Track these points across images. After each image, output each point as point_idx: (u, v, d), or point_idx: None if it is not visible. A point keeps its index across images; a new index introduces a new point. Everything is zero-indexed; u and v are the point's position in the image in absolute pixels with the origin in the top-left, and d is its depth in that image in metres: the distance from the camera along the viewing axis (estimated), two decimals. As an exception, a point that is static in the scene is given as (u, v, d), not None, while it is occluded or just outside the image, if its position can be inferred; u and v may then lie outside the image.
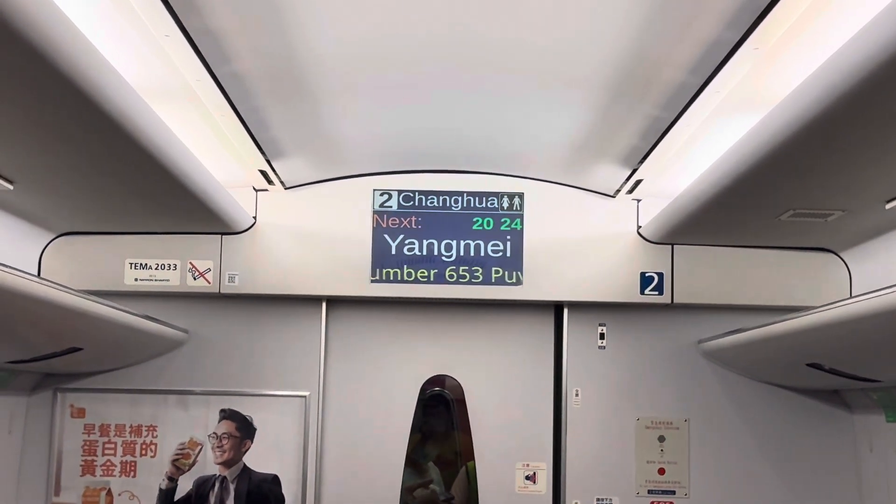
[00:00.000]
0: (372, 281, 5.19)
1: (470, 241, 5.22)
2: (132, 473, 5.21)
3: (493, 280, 5.20)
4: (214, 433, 5.26)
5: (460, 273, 5.20)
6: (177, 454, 5.24)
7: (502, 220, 5.23)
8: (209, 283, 5.15)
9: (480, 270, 5.20)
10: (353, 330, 5.44)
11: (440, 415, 5.55)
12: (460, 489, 5.52)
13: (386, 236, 5.21)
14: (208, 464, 5.25)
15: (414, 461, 5.48)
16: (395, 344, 5.46)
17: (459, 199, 5.23)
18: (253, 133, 4.20)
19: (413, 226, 5.22)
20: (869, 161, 3.39)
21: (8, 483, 5.02)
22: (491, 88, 3.95)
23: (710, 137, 4.05)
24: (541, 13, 3.18)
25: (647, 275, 5.20)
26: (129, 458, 5.22)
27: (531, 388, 5.44)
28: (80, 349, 4.37)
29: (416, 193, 5.23)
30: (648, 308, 5.30)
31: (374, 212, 5.22)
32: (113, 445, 5.22)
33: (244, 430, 5.27)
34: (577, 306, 5.36)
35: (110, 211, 4.64)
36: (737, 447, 5.29)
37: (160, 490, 5.22)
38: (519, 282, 5.20)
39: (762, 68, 3.27)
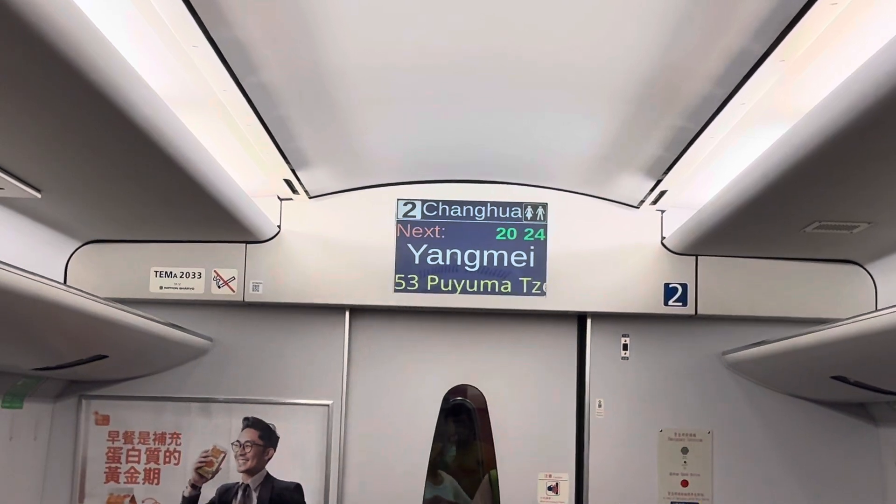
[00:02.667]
0: (395, 290, 5.20)
1: (493, 251, 5.22)
2: (156, 481, 5.23)
3: (517, 290, 5.19)
4: (238, 441, 5.27)
5: (483, 283, 5.20)
6: (200, 462, 5.26)
7: (526, 230, 5.22)
8: (233, 291, 5.17)
9: (504, 280, 5.20)
10: (376, 339, 5.44)
11: (462, 424, 5.56)
12: (483, 498, 5.52)
13: (409, 246, 5.21)
14: (231, 472, 5.27)
15: (433, 471, 5.48)
16: (418, 353, 5.46)
17: (483, 208, 5.24)
18: (278, 143, 4.23)
19: (437, 235, 5.23)
20: (895, 173, 3.37)
21: (33, 489, 5.05)
22: (515, 99, 3.95)
23: (734, 149, 4.04)
24: (566, 25, 3.19)
25: (670, 286, 5.18)
26: (152, 465, 5.24)
27: (554, 399, 5.43)
28: (105, 357, 4.39)
29: (440, 203, 5.24)
30: (672, 319, 5.28)
31: (398, 221, 5.23)
32: (137, 453, 5.25)
33: (267, 438, 5.28)
34: (600, 317, 5.35)
35: (136, 219, 4.67)
36: (761, 460, 5.26)
37: (183, 497, 5.24)
38: (542, 292, 5.19)
39: (788, 80, 3.26)
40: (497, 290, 5.20)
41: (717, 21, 3.01)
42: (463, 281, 5.20)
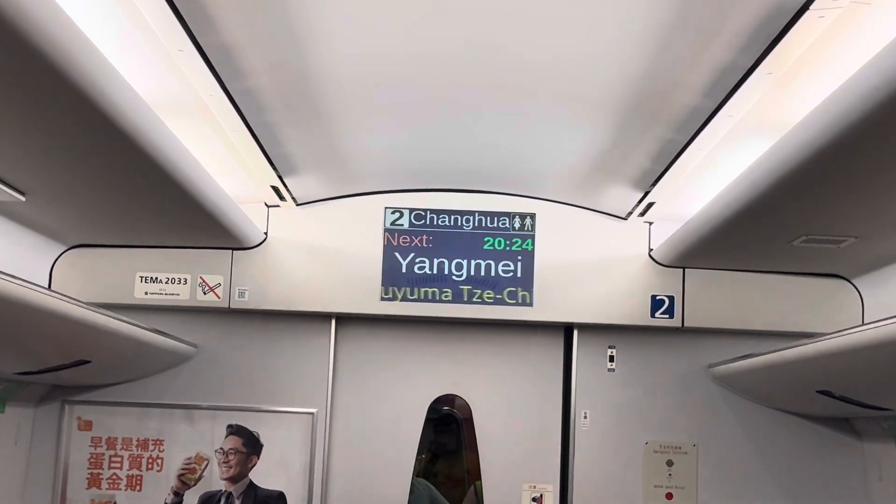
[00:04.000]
0: (382, 299, 5.19)
1: (481, 261, 5.21)
2: (138, 487, 5.20)
3: (504, 300, 5.18)
4: (221, 448, 5.25)
5: (470, 293, 5.19)
6: (183, 469, 5.23)
7: (514, 240, 5.22)
8: (219, 297, 5.15)
9: (491, 290, 5.19)
10: (361, 347, 5.43)
11: (448, 433, 5.54)
12: (468, 509, 5.53)
13: (397, 254, 5.20)
14: (214, 479, 5.24)
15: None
16: (404, 362, 5.44)
17: (471, 218, 5.23)
18: (265, 149, 4.21)
19: (424, 244, 5.21)
20: (882, 187, 3.37)
21: (13, 495, 5.01)
22: (504, 109, 3.95)
23: (722, 161, 4.04)
24: (555, 35, 3.18)
25: (657, 298, 5.18)
26: (135, 471, 5.21)
27: (539, 410, 5.42)
28: (88, 362, 4.36)
29: (428, 212, 5.23)
30: (659, 331, 5.27)
31: (386, 230, 5.22)
32: (119, 459, 5.22)
33: (251, 445, 5.26)
34: (587, 328, 5.34)
35: (122, 224, 4.66)
36: (745, 473, 5.25)
37: (165, 505, 5.22)
38: (529, 302, 5.18)
39: (776, 93, 3.26)
40: (484, 299, 5.19)
41: (704, 33, 3.01)
42: (450, 290, 5.19)
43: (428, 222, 5.23)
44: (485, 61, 3.45)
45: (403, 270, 5.20)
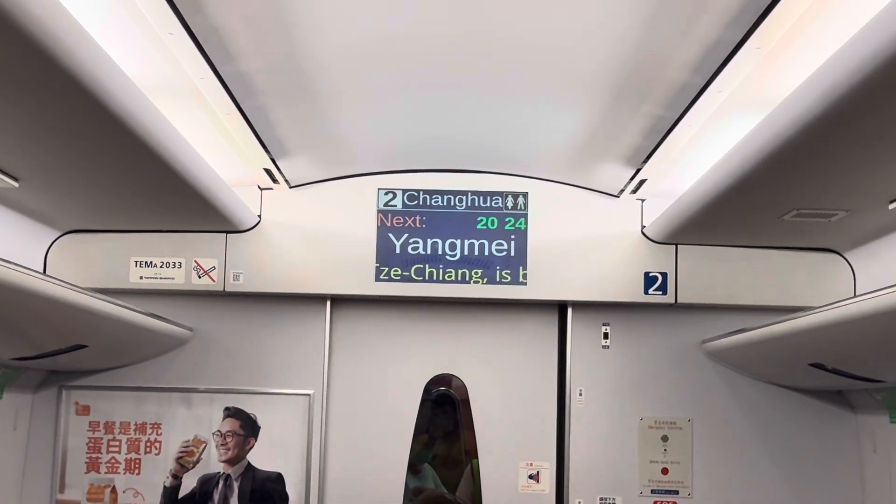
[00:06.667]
0: (376, 280, 5.20)
1: (474, 241, 5.22)
2: (136, 471, 5.23)
3: (498, 279, 5.20)
4: (219, 431, 5.27)
5: (464, 272, 5.20)
6: (181, 452, 5.25)
7: (507, 219, 5.23)
8: (214, 281, 5.16)
9: (484, 270, 5.20)
10: (357, 328, 5.45)
11: (445, 414, 5.56)
12: (464, 488, 5.53)
13: (390, 235, 5.21)
14: (212, 462, 5.26)
15: (413, 462, 5.47)
16: (399, 343, 5.46)
17: (464, 198, 5.24)
18: (258, 132, 4.22)
19: (417, 225, 5.23)
20: (872, 161, 3.39)
21: (13, 480, 5.04)
22: (495, 88, 3.95)
23: (713, 137, 4.05)
24: (544, 13, 3.19)
25: (650, 274, 5.20)
26: (133, 455, 5.23)
27: (535, 388, 5.44)
28: (84, 346, 4.38)
29: (421, 193, 5.24)
30: (652, 308, 5.29)
31: (379, 211, 5.23)
32: (118, 443, 5.24)
33: (248, 428, 5.28)
34: (581, 306, 5.35)
35: (116, 209, 4.66)
36: (740, 447, 5.29)
37: (164, 488, 5.23)
38: (523, 281, 5.20)
39: (764, 68, 3.27)
40: (478, 279, 5.20)
41: (693, 9, 3.02)
42: (444, 270, 5.20)
43: (421, 203, 5.24)
44: (475, 41, 3.45)
45: (397, 251, 5.21)
